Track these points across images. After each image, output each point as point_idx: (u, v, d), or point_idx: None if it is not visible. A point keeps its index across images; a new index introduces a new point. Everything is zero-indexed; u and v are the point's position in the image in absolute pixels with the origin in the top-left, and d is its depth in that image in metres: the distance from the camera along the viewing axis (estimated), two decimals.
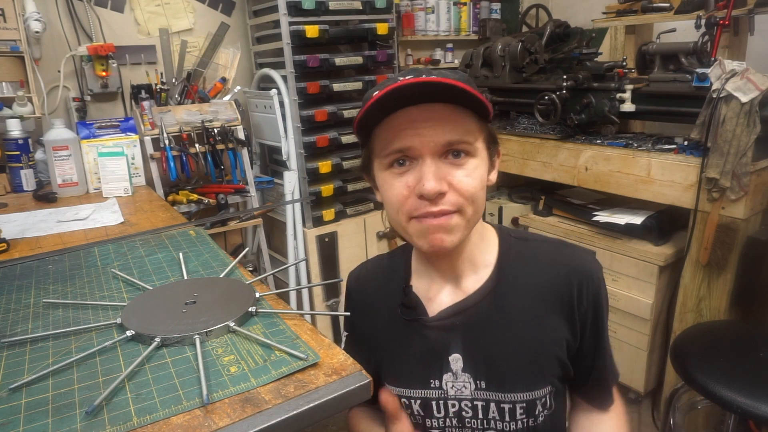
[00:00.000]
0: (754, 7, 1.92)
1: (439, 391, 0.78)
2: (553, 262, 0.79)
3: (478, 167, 0.71)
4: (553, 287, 0.77)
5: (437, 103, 0.67)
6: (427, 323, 0.79)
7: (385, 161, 0.71)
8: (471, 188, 0.69)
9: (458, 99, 0.67)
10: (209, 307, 0.84)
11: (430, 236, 0.70)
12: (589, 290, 0.77)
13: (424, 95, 0.66)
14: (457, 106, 0.68)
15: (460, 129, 0.68)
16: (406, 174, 0.69)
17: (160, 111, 1.94)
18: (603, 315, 0.80)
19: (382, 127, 0.70)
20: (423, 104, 0.67)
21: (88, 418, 0.61)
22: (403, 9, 2.71)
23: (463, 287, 0.79)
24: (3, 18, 1.70)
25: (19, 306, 0.91)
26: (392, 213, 0.73)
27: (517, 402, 0.76)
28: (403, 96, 0.66)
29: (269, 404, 0.63)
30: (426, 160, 0.67)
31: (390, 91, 0.64)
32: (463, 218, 0.70)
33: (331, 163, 2.25)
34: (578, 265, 0.78)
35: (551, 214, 2.22)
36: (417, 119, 0.67)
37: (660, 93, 1.87)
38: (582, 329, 0.78)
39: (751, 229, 1.66)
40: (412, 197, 0.69)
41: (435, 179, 0.66)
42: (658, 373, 1.97)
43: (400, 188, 0.69)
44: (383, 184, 0.73)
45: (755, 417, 1.18)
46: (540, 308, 0.77)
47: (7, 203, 1.64)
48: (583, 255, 0.81)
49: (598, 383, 0.83)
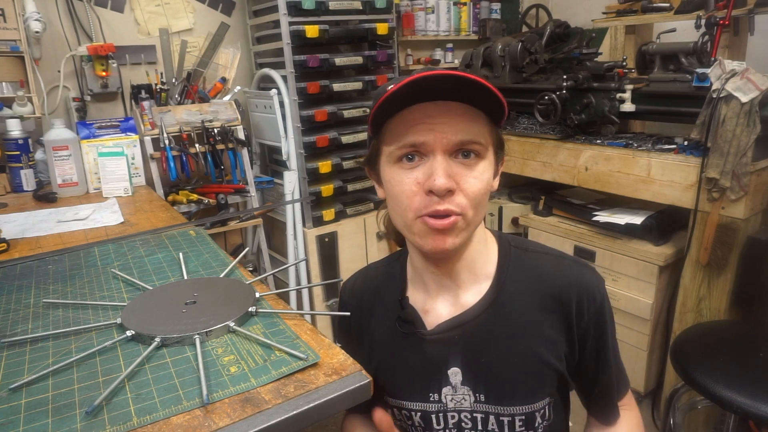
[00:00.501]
0: (754, 7, 1.92)
1: (439, 404, 0.78)
2: (554, 275, 0.78)
3: (486, 170, 0.70)
4: (553, 301, 0.76)
5: (453, 101, 0.67)
6: (425, 337, 0.78)
7: (395, 155, 0.70)
8: (478, 191, 0.69)
9: (474, 99, 0.67)
10: (209, 307, 0.84)
11: (433, 237, 0.69)
12: (590, 306, 0.76)
13: (441, 92, 0.66)
14: (471, 107, 0.68)
15: (473, 129, 0.68)
16: (416, 170, 0.68)
17: (160, 111, 1.94)
18: (606, 332, 0.78)
19: (394, 120, 0.69)
20: (439, 101, 0.66)
21: (88, 418, 0.61)
22: (403, 9, 2.71)
23: (461, 299, 0.78)
24: (3, 18, 1.70)
25: (19, 306, 0.91)
26: (398, 209, 0.72)
27: (516, 415, 0.75)
28: (421, 89, 0.65)
29: (269, 404, 0.63)
30: (437, 156, 0.67)
31: (409, 83, 0.63)
32: (465, 221, 0.69)
33: (331, 163, 2.25)
34: (579, 281, 0.77)
35: (551, 214, 2.22)
36: (432, 114, 0.66)
37: (660, 93, 1.87)
38: (582, 345, 0.77)
39: (751, 229, 1.66)
40: (420, 194, 0.68)
41: (445, 176, 0.66)
42: (658, 373, 1.97)
43: (409, 184, 0.69)
44: (391, 178, 0.71)
45: (755, 417, 1.18)
46: (539, 321, 0.76)
47: (7, 203, 1.64)
48: (584, 270, 0.79)
49: (602, 398, 0.82)
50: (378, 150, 0.73)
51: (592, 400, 0.83)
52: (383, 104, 0.66)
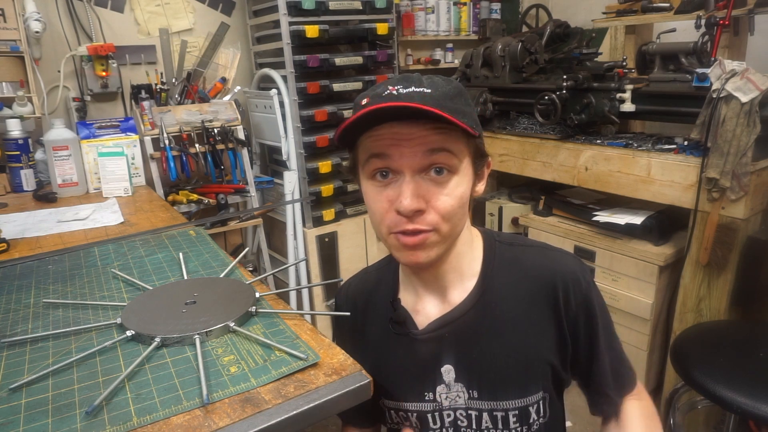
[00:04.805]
0: (754, 7, 1.92)
1: (434, 403, 0.78)
2: (538, 266, 0.78)
3: (460, 185, 0.70)
4: (539, 292, 0.77)
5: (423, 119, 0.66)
6: (416, 337, 0.79)
7: (368, 171, 0.70)
8: (449, 208, 0.68)
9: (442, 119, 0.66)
10: (209, 307, 0.84)
11: (406, 252, 0.70)
12: (577, 294, 0.76)
13: (408, 114, 0.65)
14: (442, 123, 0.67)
15: (443, 146, 0.67)
16: (388, 187, 0.69)
17: (160, 111, 1.94)
18: (596, 320, 0.78)
19: (366, 136, 0.69)
20: (408, 121, 0.66)
21: (88, 418, 0.61)
22: (403, 9, 2.71)
23: (449, 298, 0.79)
24: (3, 18, 1.70)
25: (19, 306, 0.91)
26: (374, 222, 0.74)
27: (509, 410, 0.75)
28: (387, 113, 0.65)
29: (269, 404, 0.63)
30: (406, 176, 0.67)
31: (370, 112, 0.64)
32: (438, 235, 0.70)
33: (331, 163, 2.25)
34: (562, 269, 0.77)
35: (551, 214, 2.22)
36: (400, 133, 0.66)
37: (660, 93, 1.87)
38: (574, 334, 0.77)
39: (751, 229, 1.66)
40: (392, 212, 0.68)
41: (412, 197, 0.66)
42: (658, 373, 1.97)
43: (381, 201, 0.69)
44: (366, 193, 0.73)
45: (755, 417, 1.18)
46: (528, 313, 0.76)
47: (7, 203, 1.64)
48: (566, 258, 0.80)
49: (598, 390, 0.82)
50: (355, 163, 0.75)
51: (589, 392, 0.83)
52: (352, 124, 0.67)
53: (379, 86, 0.69)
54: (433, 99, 0.65)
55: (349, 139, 0.72)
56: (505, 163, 2.31)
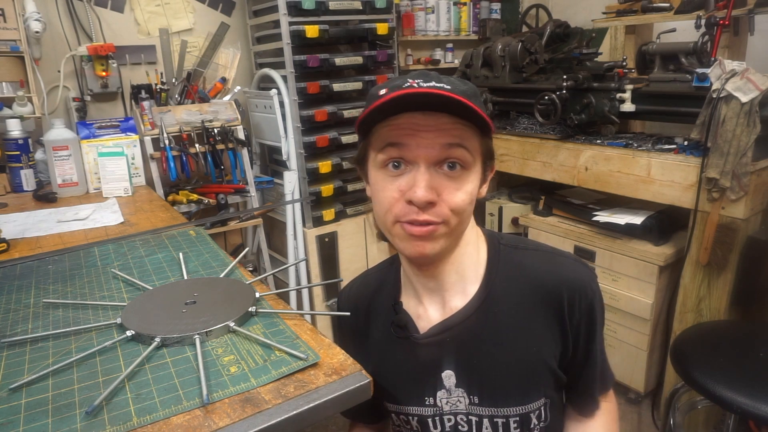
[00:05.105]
0: (754, 7, 1.92)
1: (435, 408, 0.78)
2: (544, 272, 0.77)
3: (471, 182, 0.70)
4: (543, 299, 0.76)
5: (441, 113, 0.67)
6: (417, 341, 0.78)
7: (381, 160, 0.70)
8: (460, 202, 0.69)
9: (462, 112, 0.67)
10: (209, 307, 0.84)
11: (413, 242, 0.70)
12: (582, 304, 0.76)
13: (429, 104, 0.66)
14: (460, 119, 0.68)
15: (460, 141, 0.68)
16: (400, 177, 0.69)
17: (160, 111, 1.94)
18: (596, 326, 0.78)
19: (383, 125, 0.69)
20: (427, 111, 0.67)
21: (88, 418, 0.61)
22: (403, 9, 2.71)
23: (450, 303, 0.78)
24: (3, 18, 1.70)
25: (19, 306, 0.91)
26: (380, 212, 0.72)
27: (510, 416, 0.75)
28: (409, 102, 0.65)
29: (269, 404, 0.63)
30: (421, 167, 0.67)
31: (397, 97, 0.64)
32: (447, 228, 0.69)
33: (331, 163, 2.25)
34: (570, 277, 0.76)
35: (551, 214, 2.22)
36: (419, 124, 0.67)
37: (660, 93, 1.87)
38: (575, 341, 0.77)
39: (751, 229, 1.66)
40: (402, 201, 0.68)
41: (426, 188, 0.66)
42: (658, 373, 1.97)
43: (391, 191, 0.69)
44: (375, 183, 0.72)
45: (755, 417, 1.18)
46: (530, 320, 0.76)
47: (7, 203, 1.64)
48: (575, 266, 0.79)
49: (585, 391, 0.83)
50: (366, 152, 0.74)
51: (574, 391, 0.83)
52: (372, 112, 0.67)
53: (397, 79, 0.69)
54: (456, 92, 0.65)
55: (365, 127, 0.72)
56: (505, 163, 2.31)
